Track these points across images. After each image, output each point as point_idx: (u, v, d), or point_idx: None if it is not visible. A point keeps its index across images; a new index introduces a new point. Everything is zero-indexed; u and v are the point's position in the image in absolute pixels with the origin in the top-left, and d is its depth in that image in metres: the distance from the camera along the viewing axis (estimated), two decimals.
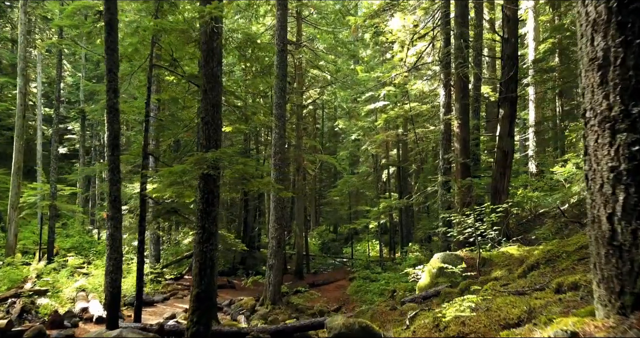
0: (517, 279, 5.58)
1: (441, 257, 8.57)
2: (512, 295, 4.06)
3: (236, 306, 13.75)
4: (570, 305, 2.96)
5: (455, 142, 12.86)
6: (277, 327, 8.08)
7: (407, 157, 25.69)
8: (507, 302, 3.56)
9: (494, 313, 3.38)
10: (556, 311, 2.83)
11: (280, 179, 14.43)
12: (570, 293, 3.27)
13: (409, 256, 17.32)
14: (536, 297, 3.54)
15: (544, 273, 5.03)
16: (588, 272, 3.83)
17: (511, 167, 12.70)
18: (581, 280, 3.35)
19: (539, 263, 5.53)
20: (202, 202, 6.92)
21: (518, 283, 4.81)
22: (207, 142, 6.95)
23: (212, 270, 6.81)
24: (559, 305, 3.04)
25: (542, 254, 5.63)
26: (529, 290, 4.22)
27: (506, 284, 4.97)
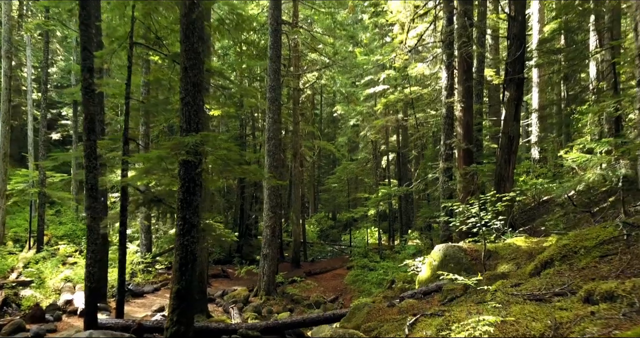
0: (529, 278, 5.01)
1: (443, 249, 8.01)
2: (529, 300, 3.49)
3: (229, 297, 13.26)
4: (610, 323, 2.40)
5: (458, 126, 12.21)
6: (268, 323, 7.56)
7: (407, 143, 25.05)
8: (525, 312, 2.99)
9: (510, 327, 2.81)
10: (592, 331, 2.27)
11: (275, 166, 13.84)
12: (605, 306, 2.70)
13: (408, 245, 16.82)
14: (560, 306, 2.97)
15: (561, 272, 4.45)
16: (622, 277, 3.25)
17: (516, 153, 12.08)
18: (618, 290, 2.77)
19: (553, 260, 4.95)
20: (182, 191, 6.32)
21: (532, 284, 4.23)
22: (187, 125, 6.32)
23: (193, 265, 6.25)
24: (594, 322, 2.48)
25: (556, 249, 5.05)
26: (547, 294, 3.65)
27: (517, 284, 4.40)
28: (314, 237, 31.56)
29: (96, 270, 7.56)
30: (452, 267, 7.69)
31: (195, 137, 5.93)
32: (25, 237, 20.90)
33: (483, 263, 7.03)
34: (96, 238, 7.62)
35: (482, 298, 4.84)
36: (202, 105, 6.53)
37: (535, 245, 7.42)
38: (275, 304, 13.32)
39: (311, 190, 37.43)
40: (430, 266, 8.16)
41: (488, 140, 19.93)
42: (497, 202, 7.82)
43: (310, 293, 15.40)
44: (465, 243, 8.29)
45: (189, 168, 6.29)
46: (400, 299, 7.19)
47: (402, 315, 6.12)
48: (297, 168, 21.02)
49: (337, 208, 36.11)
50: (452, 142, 12.14)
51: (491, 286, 5.79)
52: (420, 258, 9.33)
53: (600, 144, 6.81)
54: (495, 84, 20.27)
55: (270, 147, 13.75)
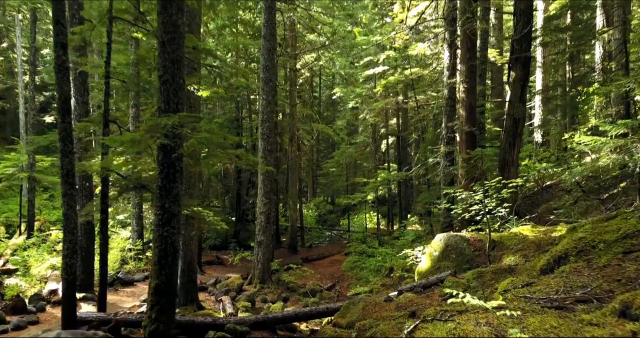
0: (540, 275, 4.52)
1: (444, 239, 7.53)
2: (547, 308, 2.99)
3: (222, 285, 12.85)
4: None
5: (460, 108, 11.62)
6: (257, 318, 7.11)
7: (407, 126, 24.43)
8: (546, 327, 2.50)
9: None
10: None
11: (270, 150, 13.29)
12: None
13: (408, 231, 16.38)
14: (589, 320, 2.46)
15: (579, 270, 3.95)
16: None
17: (522, 136, 11.53)
18: None
19: (568, 255, 4.45)
20: (161, 177, 5.79)
21: (547, 284, 3.73)
22: (166, 106, 5.75)
23: (174, 258, 5.75)
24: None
25: (571, 242, 4.54)
26: (567, 299, 3.15)
27: (530, 284, 3.90)
28: (312, 221, 31.17)
29: (74, 262, 7.08)
30: (454, 258, 7.22)
31: (173, 118, 5.37)
32: (18, 222, 20.46)
33: (487, 254, 6.55)
34: (73, 227, 7.12)
35: (490, 298, 4.35)
36: (183, 83, 5.96)
37: (543, 235, 6.92)
38: (270, 292, 12.93)
39: (310, 174, 36.93)
40: (430, 257, 7.69)
41: (490, 123, 19.34)
42: (502, 188, 7.30)
43: (307, 281, 15.01)
44: (468, 232, 7.80)
45: (167, 153, 5.74)
46: (399, 293, 6.73)
47: (400, 312, 5.65)
48: (294, 152, 20.46)
49: (336, 193, 35.67)
50: (454, 124, 11.57)
51: (498, 284, 5.31)
52: (420, 248, 8.87)
53: (616, 126, 6.26)
54: (499, 64, 19.62)
55: (265, 130, 13.17)
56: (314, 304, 12.37)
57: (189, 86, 9.64)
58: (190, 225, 10.17)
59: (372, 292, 12.56)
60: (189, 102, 10.30)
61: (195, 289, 10.47)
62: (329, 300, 12.98)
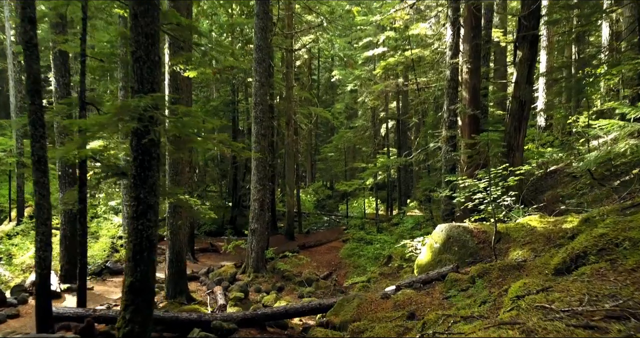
0: (556, 276, 4.01)
1: (446, 230, 7.03)
2: (573, 326, 2.48)
3: (214, 275, 12.41)
4: None
5: (464, 90, 11.01)
6: (245, 314, 6.66)
7: (407, 109, 23.77)
8: None
9: None
10: None
11: (263, 135, 12.71)
12: None
13: (407, 218, 15.91)
14: None
15: (602, 273, 3.44)
16: None
17: (528, 120, 10.97)
18: None
19: (588, 253, 3.94)
20: (135, 165, 5.24)
21: (566, 290, 3.22)
22: (139, 86, 5.17)
23: (150, 254, 5.25)
24: None
25: (590, 239, 4.03)
26: (595, 313, 2.64)
27: (546, 289, 3.39)
28: (311, 207, 30.73)
29: (48, 255, 6.59)
30: (456, 251, 6.73)
31: (145, 99, 4.80)
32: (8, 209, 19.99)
33: (493, 247, 6.05)
34: (46, 218, 6.61)
35: (499, 303, 3.85)
36: (159, 61, 5.36)
37: (553, 226, 6.42)
38: (264, 282, 12.51)
39: (308, 159, 36.37)
40: (430, 249, 7.20)
41: (493, 106, 18.71)
42: (509, 176, 6.78)
43: (303, 269, 14.59)
44: (471, 222, 7.29)
45: (142, 138, 5.19)
46: (396, 288, 6.26)
47: (398, 312, 5.18)
48: (291, 136, 19.86)
49: (335, 178, 35.18)
50: (457, 107, 10.98)
51: (506, 282, 4.82)
52: (420, 238, 8.38)
53: (636, 109, 5.70)
54: (503, 45, 18.92)
55: (258, 114, 12.57)
56: (309, 294, 11.98)
57: (175, 66, 9.04)
58: (178, 214, 9.68)
59: (370, 281, 12.15)
60: (176, 84, 9.72)
61: (184, 280, 10.04)
62: (325, 289, 12.57)
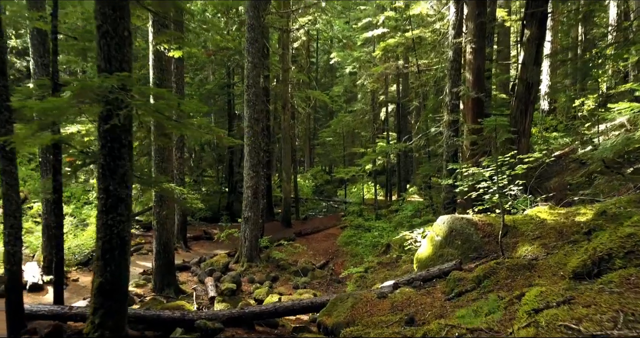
0: (575, 282, 3.51)
1: (448, 222, 6.52)
2: None
3: (206, 264, 11.97)
4: None
5: (467, 71, 10.41)
6: (232, 313, 6.20)
7: (407, 92, 23.10)
8: None
9: None
10: None
11: (256, 119, 12.13)
12: None
13: (406, 205, 15.43)
14: None
15: (634, 282, 2.94)
16: None
17: (535, 103, 10.40)
18: None
19: (613, 256, 3.43)
20: (104, 153, 4.70)
21: (593, 304, 2.72)
22: (106, 64, 4.59)
23: (122, 252, 4.75)
24: None
25: (616, 240, 3.52)
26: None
27: (569, 300, 2.89)
28: (309, 192, 30.27)
29: (17, 250, 6.10)
30: (459, 245, 6.24)
31: (110, 79, 4.23)
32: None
33: (500, 242, 5.54)
34: (15, 210, 6.10)
35: (510, 312, 3.36)
36: (129, 36, 4.77)
37: (565, 218, 5.91)
38: (258, 272, 12.09)
39: (306, 143, 35.79)
40: (431, 242, 6.71)
41: (497, 89, 18.09)
42: (517, 164, 6.24)
43: (299, 258, 14.18)
44: (475, 214, 6.78)
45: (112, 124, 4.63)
46: (394, 286, 5.78)
47: (396, 315, 4.70)
48: (287, 120, 19.25)
49: (334, 162, 34.66)
50: (460, 90, 10.38)
51: (516, 283, 4.32)
52: (420, 230, 7.89)
53: None
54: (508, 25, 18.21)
55: (251, 96, 11.97)
56: (304, 285, 11.56)
57: (159, 46, 8.43)
58: (165, 203, 9.18)
59: (367, 271, 11.72)
60: (161, 65, 9.12)
61: (172, 272, 9.59)
62: (321, 279, 12.16)
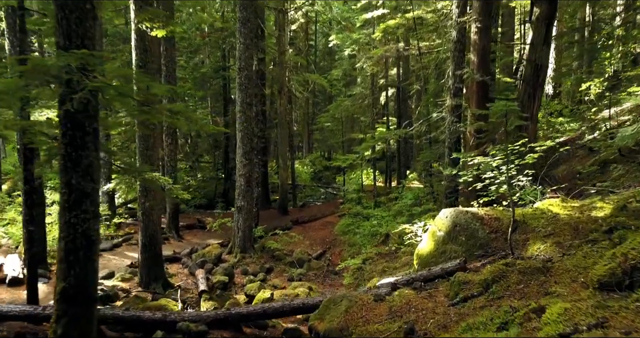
0: (603, 294, 3.00)
1: (451, 216, 6.01)
2: None
3: (198, 255, 11.51)
4: None
5: (472, 53, 9.78)
6: (217, 314, 5.74)
7: (408, 76, 22.41)
8: None
9: None
10: None
11: (249, 103, 11.54)
12: None
13: (406, 193, 14.94)
14: None
15: None
16: None
17: (544, 87, 9.82)
18: None
19: None
20: (64, 142, 4.15)
21: (632, 327, 2.22)
22: (65, 41, 4.02)
23: (89, 253, 4.25)
24: None
25: None
26: None
27: (601, 324, 2.39)
28: (307, 178, 29.79)
29: None
30: (464, 242, 5.74)
31: (66, 57, 3.66)
32: None
33: (509, 240, 5.04)
34: None
35: (527, 331, 2.86)
36: (92, 10, 4.18)
37: (579, 213, 5.40)
38: (251, 263, 11.65)
39: (305, 128, 35.17)
40: (433, 237, 6.21)
41: (500, 72, 17.43)
42: (529, 152, 5.70)
43: (295, 248, 13.73)
44: (481, 207, 6.26)
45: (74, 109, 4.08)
46: (392, 287, 5.30)
47: (393, 323, 4.23)
48: (284, 105, 18.63)
49: (333, 148, 34.06)
50: (464, 72, 9.77)
51: (529, 289, 3.83)
52: (420, 223, 7.38)
53: None
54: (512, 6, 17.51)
55: (243, 80, 11.36)
56: (299, 276, 11.13)
57: (140, 24, 7.82)
58: (151, 193, 8.66)
59: (365, 263, 11.28)
60: (144, 45, 8.50)
61: (160, 265, 9.13)
62: (318, 271, 11.73)
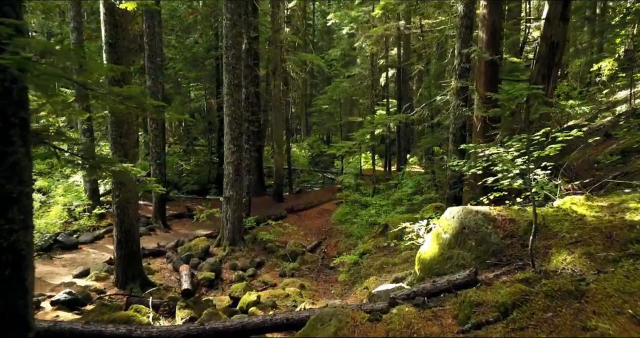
0: None
1: (459, 217, 5.22)
2: None
3: (184, 249, 10.78)
4: None
5: (481, 29, 8.84)
6: (190, 330, 4.99)
7: (409, 56, 21.36)
8: None
9: None
10: None
11: (236, 85, 10.64)
12: None
13: (406, 182, 14.14)
14: None
15: None
16: None
17: (560, 67, 8.93)
18: None
19: None
20: None
21: None
22: None
23: (16, 270, 3.44)
24: None
25: None
26: None
27: None
28: (305, 162, 28.99)
29: None
30: (473, 247, 4.95)
31: None
32: None
33: (530, 249, 4.25)
34: None
35: None
36: None
37: (610, 215, 4.61)
38: (241, 256, 10.94)
39: (303, 111, 34.22)
40: (438, 239, 5.42)
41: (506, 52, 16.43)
42: (550, 143, 4.88)
43: (289, 238, 13.01)
44: (493, 207, 5.45)
45: None
46: (390, 302, 4.54)
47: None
48: (278, 86, 17.69)
49: (332, 131, 33.13)
50: (471, 51, 8.86)
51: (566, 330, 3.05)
52: (423, 222, 6.57)
53: None
54: None
55: (230, 59, 10.44)
56: (292, 272, 10.41)
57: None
58: (127, 190, 7.85)
59: (363, 257, 10.56)
60: (113, 19, 7.58)
61: (137, 262, 8.39)
62: (312, 265, 11.03)
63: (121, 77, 7.53)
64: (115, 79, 6.97)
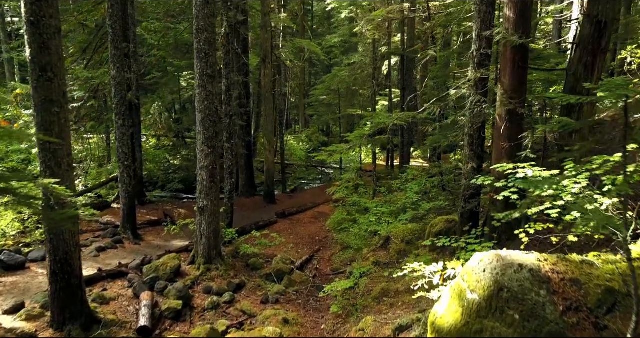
0: None
1: (492, 270, 3.56)
2: None
3: (150, 268, 9.12)
4: None
5: (507, 6, 7.05)
6: None
7: (413, 43, 19.53)
8: None
9: None
10: None
11: (210, 75, 8.93)
12: None
13: (410, 186, 12.47)
14: None
15: None
16: None
17: (607, 53, 7.21)
18: None
19: None
20: None
21: None
22: None
23: None
24: None
25: None
26: None
27: None
28: (303, 156, 27.32)
29: None
30: (517, 322, 3.31)
31: None
32: None
33: None
34: None
35: None
36: None
37: None
38: (218, 277, 9.33)
39: (301, 101, 32.49)
40: (461, 300, 3.78)
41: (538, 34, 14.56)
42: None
43: (276, 251, 11.42)
44: (542, 258, 3.76)
45: None
46: None
47: None
48: (268, 76, 15.93)
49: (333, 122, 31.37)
50: (494, 33, 7.11)
51: None
52: (436, 266, 4.88)
53: None
54: None
55: (202, 45, 8.72)
56: (276, 297, 8.80)
57: None
58: (59, 205, 6.19)
59: (361, 278, 8.94)
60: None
61: (78, 298, 6.77)
62: (301, 286, 9.43)
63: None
64: None
